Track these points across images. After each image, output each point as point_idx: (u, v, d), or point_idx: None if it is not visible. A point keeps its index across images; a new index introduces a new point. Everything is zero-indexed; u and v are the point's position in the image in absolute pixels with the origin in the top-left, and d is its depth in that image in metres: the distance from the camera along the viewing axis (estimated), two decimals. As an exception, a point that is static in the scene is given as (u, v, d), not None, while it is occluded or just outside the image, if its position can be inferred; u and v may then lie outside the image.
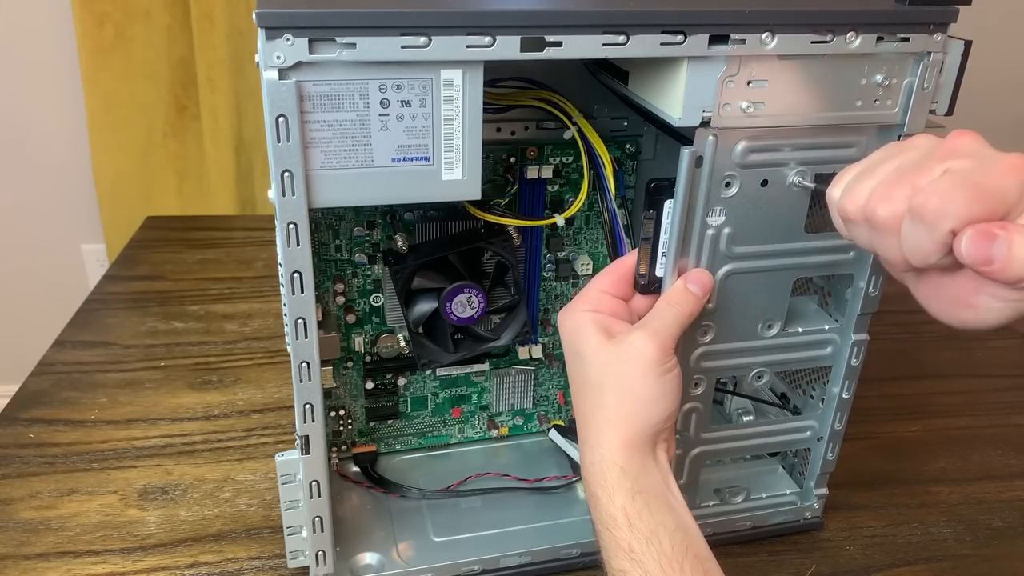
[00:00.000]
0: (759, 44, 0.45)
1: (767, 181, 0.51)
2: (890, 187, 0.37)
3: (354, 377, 0.66)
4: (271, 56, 0.40)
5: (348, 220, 0.60)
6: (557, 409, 0.73)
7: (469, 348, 0.61)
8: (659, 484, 0.47)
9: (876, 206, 0.37)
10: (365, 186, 0.45)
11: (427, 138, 0.44)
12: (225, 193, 1.47)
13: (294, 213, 0.44)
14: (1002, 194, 0.34)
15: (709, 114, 0.47)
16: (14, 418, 0.76)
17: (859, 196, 0.39)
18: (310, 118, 0.42)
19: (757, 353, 0.57)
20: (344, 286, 0.62)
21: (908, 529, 0.67)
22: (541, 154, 0.61)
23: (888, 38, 0.47)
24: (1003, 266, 0.34)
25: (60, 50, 1.43)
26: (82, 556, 0.62)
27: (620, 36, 0.43)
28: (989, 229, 0.34)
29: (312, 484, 0.53)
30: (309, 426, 0.50)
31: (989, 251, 0.34)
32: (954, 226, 0.34)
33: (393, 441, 0.71)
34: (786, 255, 0.53)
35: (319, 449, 0.51)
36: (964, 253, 0.34)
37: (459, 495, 0.66)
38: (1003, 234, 0.33)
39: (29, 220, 1.57)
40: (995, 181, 0.35)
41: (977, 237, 0.34)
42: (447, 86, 0.43)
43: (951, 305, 0.39)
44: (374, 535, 0.62)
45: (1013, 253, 0.33)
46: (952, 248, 0.35)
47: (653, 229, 0.52)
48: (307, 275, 0.46)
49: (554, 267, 0.66)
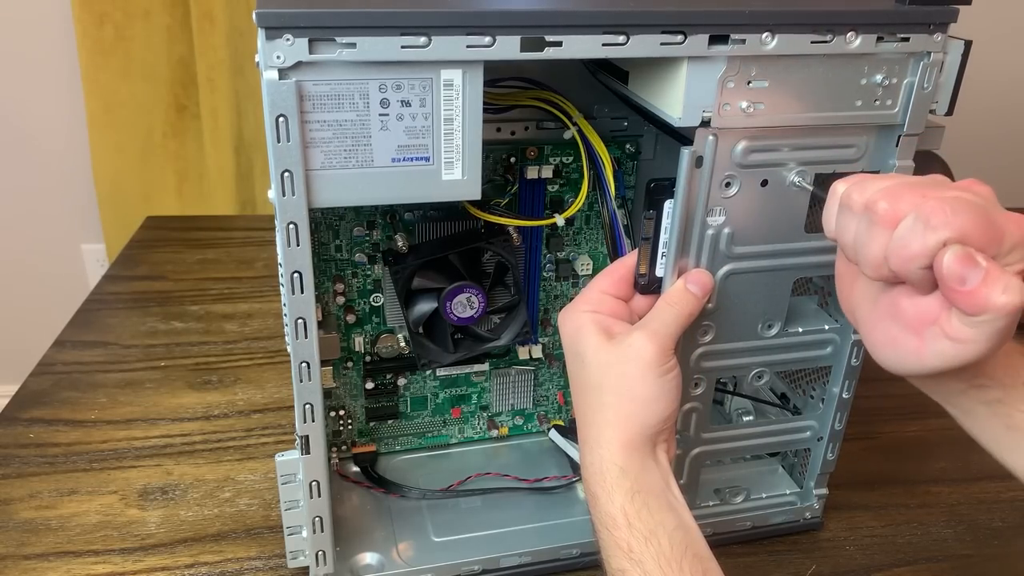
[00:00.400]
0: (759, 44, 0.45)
1: (767, 181, 0.50)
2: (902, 188, 0.39)
3: (354, 377, 0.66)
4: (271, 56, 0.40)
5: (348, 220, 0.60)
6: (557, 409, 0.73)
7: (469, 348, 0.61)
8: (659, 484, 0.47)
9: (882, 199, 0.39)
10: (365, 186, 0.45)
11: (427, 138, 0.44)
12: (225, 193, 1.48)
13: (294, 213, 0.44)
14: (1002, 233, 0.37)
15: (709, 114, 0.47)
16: (14, 418, 0.76)
17: (868, 190, 0.40)
18: (310, 118, 0.42)
19: (757, 353, 0.57)
20: (344, 286, 0.62)
21: (908, 529, 0.67)
22: (541, 154, 0.61)
23: (888, 38, 0.47)
24: (972, 292, 0.36)
25: (60, 50, 1.43)
26: (82, 556, 0.62)
27: (620, 36, 0.43)
28: (974, 255, 0.36)
29: (312, 484, 0.53)
30: (309, 426, 0.50)
31: (967, 273, 0.36)
32: (951, 237, 0.36)
33: (393, 441, 0.71)
34: (786, 255, 0.53)
35: (319, 449, 0.51)
36: (944, 266, 0.36)
37: (459, 495, 0.66)
38: (985, 264, 0.36)
39: (29, 220, 1.57)
40: (1002, 221, 0.37)
41: (962, 256, 0.36)
42: (447, 86, 0.43)
43: (900, 333, 0.41)
44: (374, 535, 0.62)
45: (986, 285, 0.36)
46: (934, 261, 0.37)
47: (653, 229, 0.52)
48: (307, 275, 0.46)
49: (554, 267, 0.66)
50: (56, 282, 1.61)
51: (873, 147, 0.51)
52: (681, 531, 0.45)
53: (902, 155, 0.51)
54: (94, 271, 1.59)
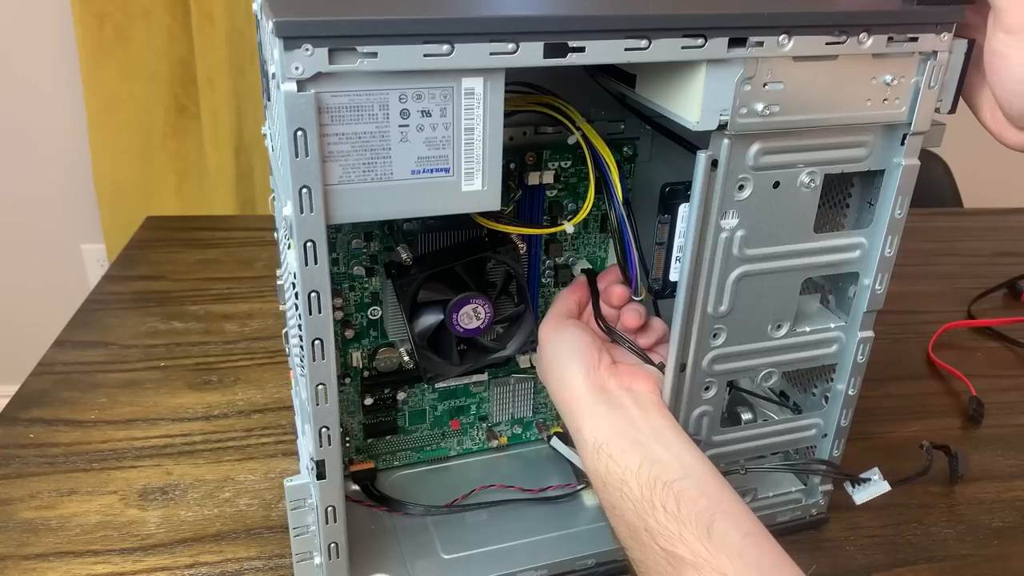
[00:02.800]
0: (776, 46, 0.45)
1: (779, 183, 0.50)
2: None
3: (352, 393, 0.64)
4: (289, 67, 0.38)
5: (345, 232, 0.58)
6: (556, 416, 0.72)
7: (475, 360, 0.60)
8: (619, 423, 0.48)
9: None
10: (384, 200, 0.43)
11: (447, 149, 0.43)
12: (225, 193, 1.47)
13: (312, 230, 0.42)
14: None
15: (726, 117, 0.46)
16: (14, 418, 0.75)
17: None
18: (328, 131, 0.40)
19: (767, 354, 0.57)
20: (342, 300, 0.60)
21: (908, 529, 0.68)
22: (540, 159, 0.60)
23: (898, 38, 0.47)
24: None
25: (60, 50, 1.42)
26: (82, 556, 0.61)
27: (642, 40, 0.43)
28: None
29: (328, 510, 0.51)
30: (326, 450, 0.48)
31: None
32: None
33: (391, 457, 0.69)
34: (796, 255, 0.53)
35: (336, 473, 0.49)
36: None
37: (464, 509, 0.65)
38: None
39: (29, 220, 1.56)
40: None
41: None
42: (468, 95, 0.42)
43: None
44: (383, 556, 0.60)
45: None
46: None
47: (668, 233, 0.51)
48: (325, 294, 0.44)
49: (553, 273, 0.65)
50: (56, 282, 1.60)
51: (879, 146, 0.52)
52: (648, 463, 0.45)
53: (908, 153, 0.52)
54: (94, 271, 1.59)
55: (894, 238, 0.54)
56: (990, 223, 1.29)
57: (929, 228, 1.24)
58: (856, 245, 0.55)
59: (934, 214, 1.32)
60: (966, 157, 1.40)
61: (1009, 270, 1.07)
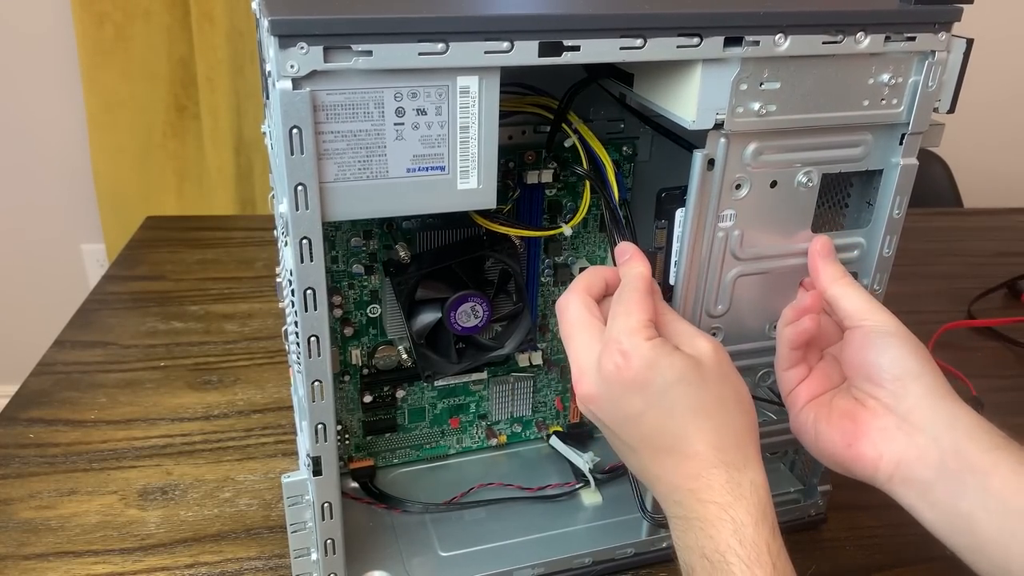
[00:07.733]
0: (772, 45, 0.45)
1: (776, 182, 0.50)
2: None
3: (351, 391, 0.65)
4: (284, 65, 0.38)
5: (344, 231, 0.58)
6: (555, 415, 0.72)
7: (473, 358, 0.60)
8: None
9: None
10: (380, 198, 0.43)
11: (443, 147, 0.43)
12: (225, 193, 1.47)
13: (308, 228, 0.42)
14: None
15: (722, 116, 0.46)
16: (14, 418, 0.76)
17: None
18: (324, 129, 0.41)
19: (764, 354, 0.57)
20: (341, 298, 0.61)
21: (908, 529, 0.67)
22: (539, 158, 0.60)
23: (895, 37, 0.47)
24: None
25: (60, 50, 1.42)
26: (82, 556, 0.61)
27: (638, 39, 0.43)
28: None
29: (324, 506, 0.51)
30: (322, 446, 0.48)
31: None
32: None
33: (390, 454, 0.69)
34: (793, 255, 0.53)
35: (332, 469, 0.50)
36: None
37: (463, 507, 0.65)
38: None
39: (29, 220, 1.57)
40: None
41: None
42: (463, 93, 0.42)
43: None
44: (380, 553, 0.60)
45: None
46: None
47: (666, 238, 0.51)
48: (320, 291, 0.44)
49: (552, 272, 0.65)
50: (56, 282, 1.60)
51: (877, 145, 0.52)
52: None
53: (907, 153, 0.52)
54: (94, 271, 1.60)
55: (893, 238, 0.54)
56: (990, 223, 1.29)
57: (929, 228, 1.24)
58: (855, 245, 0.55)
59: (934, 214, 1.32)
60: (966, 157, 1.40)
61: (1009, 270, 1.07)
